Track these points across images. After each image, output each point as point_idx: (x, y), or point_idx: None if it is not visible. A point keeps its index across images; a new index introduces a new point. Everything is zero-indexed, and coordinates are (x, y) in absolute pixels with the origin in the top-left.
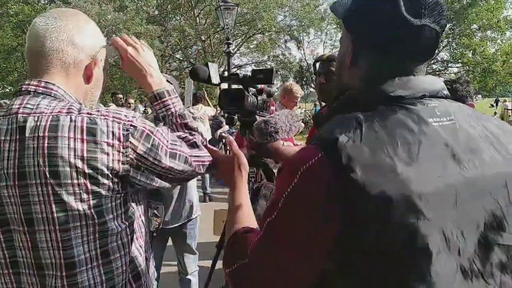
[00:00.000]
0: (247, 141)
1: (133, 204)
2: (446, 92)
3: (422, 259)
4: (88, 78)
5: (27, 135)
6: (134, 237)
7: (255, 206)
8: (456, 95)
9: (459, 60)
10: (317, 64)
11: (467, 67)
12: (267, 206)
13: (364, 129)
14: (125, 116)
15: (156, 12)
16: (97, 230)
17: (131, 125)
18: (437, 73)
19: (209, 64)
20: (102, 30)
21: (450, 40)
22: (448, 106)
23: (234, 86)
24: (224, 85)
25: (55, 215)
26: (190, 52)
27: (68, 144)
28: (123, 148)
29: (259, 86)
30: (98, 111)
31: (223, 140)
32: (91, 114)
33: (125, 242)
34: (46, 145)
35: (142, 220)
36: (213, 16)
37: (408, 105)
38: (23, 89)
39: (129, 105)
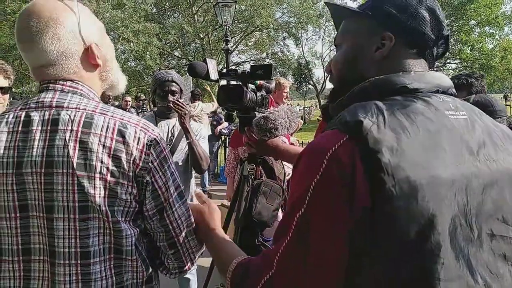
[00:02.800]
0: (246, 138)
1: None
2: (454, 90)
3: (439, 243)
4: (94, 66)
5: (59, 127)
6: (145, 245)
7: (254, 203)
8: (471, 89)
9: (458, 56)
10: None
11: (466, 63)
12: (290, 200)
13: (387, 115)
14: (152, 130)
15: (154, 9)
16: (112, 228)
17: (154, 139)
18: (435, 69)
19: (207, 60)
20: None
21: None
22: (458, 103)
23: (233, 82)
24: (223, 81)
25: (76, 204)
26: (188, 50)
27: (99, 140)
28: (145, 154)
29: (258, 82)
30: (130, 118)
31: (222, 137)
32: (123, 119)
33: (139, 248)
34: (78, 138)
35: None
36: (211, 14)
37: (425, 97)
38: (50, 87)
39: (126, 103)
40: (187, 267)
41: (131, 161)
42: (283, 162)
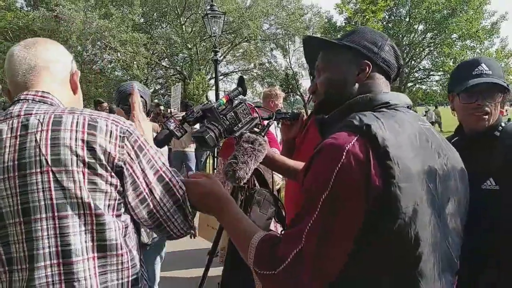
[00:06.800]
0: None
1: (129, 217)
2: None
3: (427, 215)
4: (74, 89)
5: (29, 131)
6: (132, 242)
7: (248, 213)
8: None
9: (441, 69)
10: None
11: (448, 75)
12: (312, 186)
13: (383, 121)
14: (123, 122)
15: (142, 20)
16: (94, 222)
17: (127, 130)
18: (419, 81)
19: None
20: (87, 37)
21: (431, 49)
22: (419, 116)
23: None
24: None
25: (54, 201)
26: (176, 60)
27: (70, 135)
28: (119, 147)
29: (224, 99)
30: (99, 113)
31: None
32: (92, 114)
33: (123, 241)
34: (49, 136)
35: (136, 236)
36: (199, 24)
37: (403, 110)
38: (21, 98)
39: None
40: (177, 236)
41: (107, 153)
42: (273, 172)
